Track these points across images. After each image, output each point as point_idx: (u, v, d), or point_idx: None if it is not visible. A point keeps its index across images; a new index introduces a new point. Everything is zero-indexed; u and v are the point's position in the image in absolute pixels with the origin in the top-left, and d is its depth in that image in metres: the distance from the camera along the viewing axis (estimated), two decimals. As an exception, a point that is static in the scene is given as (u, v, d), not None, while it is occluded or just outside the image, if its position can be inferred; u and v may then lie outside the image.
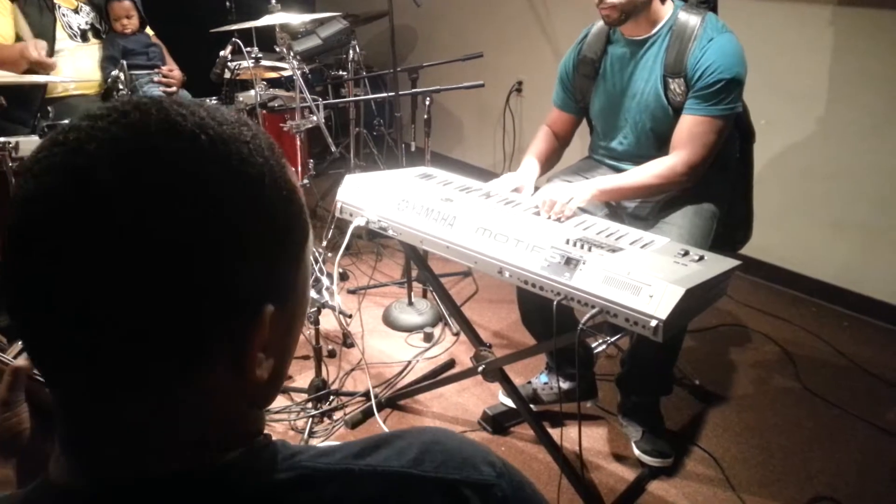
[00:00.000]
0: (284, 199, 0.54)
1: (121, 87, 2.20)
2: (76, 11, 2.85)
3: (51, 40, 2.70)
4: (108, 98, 2.30)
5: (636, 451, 2.10)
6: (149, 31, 3.13)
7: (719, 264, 1.60)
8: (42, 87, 2.66)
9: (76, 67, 2.78)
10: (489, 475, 0.58)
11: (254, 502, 0.53)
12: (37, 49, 2.47)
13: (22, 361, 0.73)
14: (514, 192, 2.01)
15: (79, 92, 2.80)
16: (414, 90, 2.91)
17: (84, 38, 2.83)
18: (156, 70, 3.01)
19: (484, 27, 4.37)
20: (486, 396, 2.40)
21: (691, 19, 1.92)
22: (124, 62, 2.25)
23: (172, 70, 3.10)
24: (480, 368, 1.99)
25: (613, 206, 2.12)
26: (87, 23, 2.84)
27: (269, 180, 0.52)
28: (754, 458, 2.16)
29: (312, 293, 2.33)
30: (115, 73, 2.23)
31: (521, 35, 4.13)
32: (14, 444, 0.71)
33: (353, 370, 2.57)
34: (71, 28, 2.80)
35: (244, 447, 0.55)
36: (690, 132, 1.92)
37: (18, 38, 2.65)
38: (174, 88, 3.08)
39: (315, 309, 2.32)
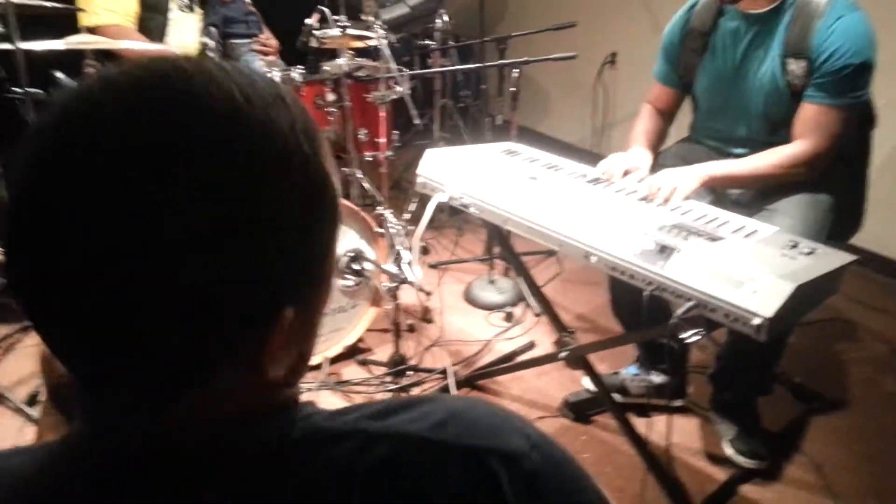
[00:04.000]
0: (319, 186, 0.47)
1: (210, 55, 2.20)
2: None
3: (163, 13, 2.74)
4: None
5: (728, 451, 1.97)
6: None
7: (833, 258, 1.44)
8: None
9: (181, 37, 2.81)
10: (519, 446, 0.51)
11: (258, 463, 0.48)
12: None
13: None
14: (625, 173, 1.87)
15: None
16: (501, 61, 2.80)
17: (191, 8, 2.86)
18: (253, 39, 3.02)
19: (578, -6, 4.18)
20: (566, 382, 2.31)
21: None
22: (213, 29, 2.25)
23: (269, 38, 3.10)
24: (563, 355, 1.91)
25: (718, 192, 1.96)
26: None
27: (304, 164, 0.46)
28: (859, 466, 1.99)
29: (392, 268, 2.29)
30: (204, 40, 2.22)
31: (617, 4, 3.92)
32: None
33: (431, 346, 2.54)
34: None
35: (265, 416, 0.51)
36: (816, 122, 1.75)
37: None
38: (272, 57, 3.09)
39: (395, 285, 2.29)
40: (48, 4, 2.18)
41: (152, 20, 2.69)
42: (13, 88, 2.24)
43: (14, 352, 2.28)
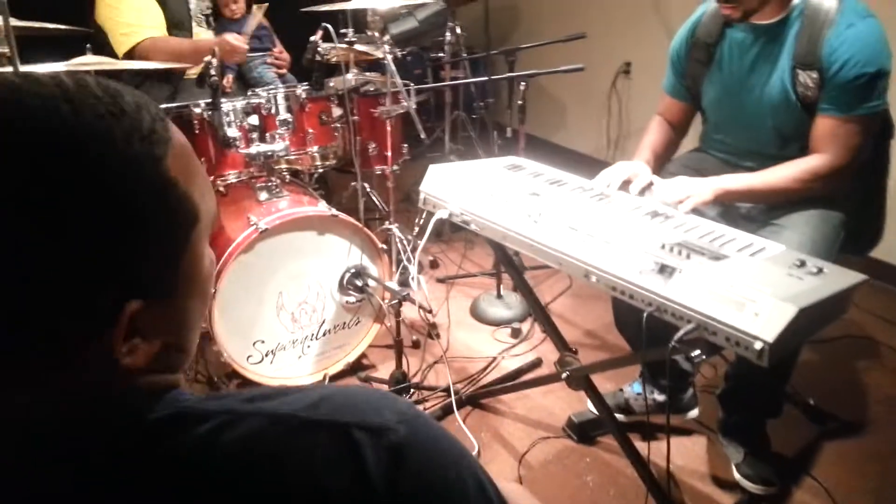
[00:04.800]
0: (154, 193, 0.49)
1: (212, 72, 2.19)
2: None
3: (188, 29, 2.75)
4: (202, 83, 2.32)
5: (736, 475, 1.91)
6: None
7: (841, 279, 1.38)
8: (181, 70, 2.73)
9: None
10: (387, 420, 0.52)
11: (117, 442, 0.50)
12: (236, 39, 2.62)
13: None
14: (626, 181, 1.83)
15: (195, 74, 2.84)
16: (508, 74, 2.76)
17: (208, 23, 2.87)
18: (268, 52, 3.03)
19: (590, 5, 4.15)
20: (572, 401, 2.26)
21: (825, 1, 1.67)
22: (216, 48, 2.25)
23: (282, 52, 3.11)
24: (564, 375, 1.86)
25: (726, 206, 1.91)
26: (207, 7, 2.87)
27: (138, 169, 0.48)
28: (874, 491, 1.91)
29: (394, 286, 2.27)
30: (207, 58, 2.22)
31: (630, 13, 3.88)
32: None
33: (435, 363, 2.50)
34: (197, 15, 2.85)
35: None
36: (832, 135, 1.69)
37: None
38: (285, 70, 3.10)
39: (397, 301, 2.26)
40: (51, 26, 2.18)
41: (179, 35, 2.70)
42: None
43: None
